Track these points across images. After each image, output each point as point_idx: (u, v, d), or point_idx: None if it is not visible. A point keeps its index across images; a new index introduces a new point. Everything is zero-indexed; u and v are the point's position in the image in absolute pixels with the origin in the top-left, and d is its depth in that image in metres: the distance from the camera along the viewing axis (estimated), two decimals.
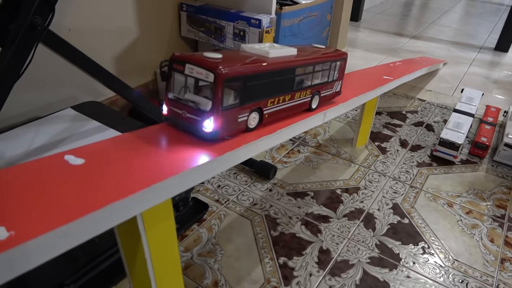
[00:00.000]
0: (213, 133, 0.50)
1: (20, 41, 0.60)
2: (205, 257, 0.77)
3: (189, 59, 0.50)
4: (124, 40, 1.15)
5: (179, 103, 0.52)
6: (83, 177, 0.39)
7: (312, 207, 0.92)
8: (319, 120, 0.71)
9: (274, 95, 0.59)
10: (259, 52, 0.59)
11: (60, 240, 0.33)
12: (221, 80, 0.47)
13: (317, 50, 0.72)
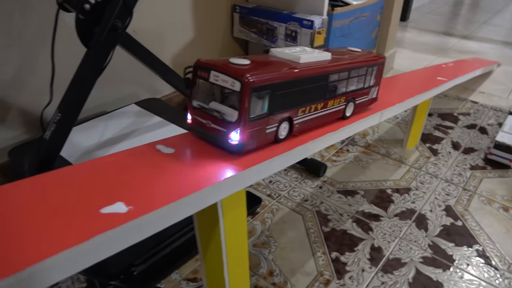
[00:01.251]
0: (239, 145, 0.47)
1: (102, 42, 0.67)
2: (260, 248, 0.81)
3: (214, 66, 0.47)
4: (181, 40, 1.21)
5: (204, 112, 0.49)
6: (178, 163, 0.44)
7: (363, 206, 0.93)
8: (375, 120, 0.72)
9: (306, 103, 0.54)
10: (290, 57, 0.55)
11: (171, 214, 0.37)
12: (248, 89, 0.44)
13: (353, 54, 0.67)
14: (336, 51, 0.65)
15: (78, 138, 0.85)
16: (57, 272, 0.30)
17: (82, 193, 0.37)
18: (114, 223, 0.33)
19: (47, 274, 0.30)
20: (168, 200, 0.37)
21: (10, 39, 0.83)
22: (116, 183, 0.39)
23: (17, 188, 0.37)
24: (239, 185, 0.45)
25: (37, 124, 0.93)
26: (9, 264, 0.28)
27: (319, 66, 0.54)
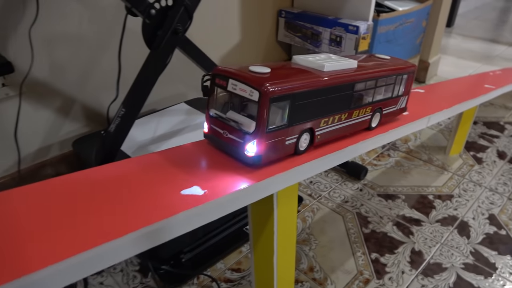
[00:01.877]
0: (255, 158, 0.44)
1: (165, 44, 0.72)
2: (301, 245, 0.84)
3: (232, 74, 0.45)
4: (228, 43, 1.26)
5: (221, 122, 0.47)
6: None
7: (404, 210, 0.94)
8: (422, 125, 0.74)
9: (329, 114, 0.51)
10: (313, 65, 0.52)
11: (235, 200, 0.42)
12: (267, 99, 0.42)
13: (381, 62, 0.63)
14: (364, 59, 0.63)
15: (134, 133, 0.91)
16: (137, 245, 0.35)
17: (165, 177, 0.42)
18: (194, 202, 0.38)
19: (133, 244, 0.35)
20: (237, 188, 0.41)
21: (80, 41, 0.91)
22: (189, 172, 0.44)
23: (121, 165, 0.44)
24: (294, 179, 0.48)
25: (97, 118, 1.00)
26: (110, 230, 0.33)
27: (345, 75, 0.51)
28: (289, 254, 0.58)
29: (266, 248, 0.55)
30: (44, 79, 0.88)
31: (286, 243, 0.55)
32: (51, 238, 0.32)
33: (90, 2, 0.89)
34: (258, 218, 0.52)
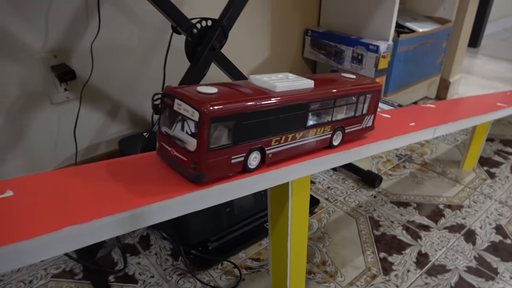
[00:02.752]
0: (198, 175, 0.45)
1: (203, 58, 0.84)
2: (315, 242, 0.92)
3: (178, 94, 0.46)
4: (258, 57, 1.38)
5: (169, 139, 0.48)
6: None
7: (414, 216, 1.01)
8: (428, 135, 0.81)
9: (281, 133, 0.52)
10: (266, 85, 0.53)
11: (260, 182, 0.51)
12: (206, 119, 0.42)
13: (344, 81, 0.63)
14: (325, 78, 0.63)
15: None
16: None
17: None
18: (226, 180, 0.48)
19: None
20: (259, 172, 0.51)
21: (130, 53, 1.05)
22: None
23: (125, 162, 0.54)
24: (306, 171, 0.58)
25: (141, 121, 1.14)
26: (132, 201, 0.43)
27: (297, 95, 0.52)
28: (302, 242, 0.67)
29: (281, 233, 0.64)
30: (98, 85, 1.02)
31: (299, 229, 0.65)
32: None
33: (140, 21, 1.03)
34: (276, 204, 0.62)
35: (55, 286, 0.81)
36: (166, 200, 0.42)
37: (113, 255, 0.89)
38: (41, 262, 0.87)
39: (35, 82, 0.92)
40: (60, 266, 0.86)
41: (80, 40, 0.95)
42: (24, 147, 0.96)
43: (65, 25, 0.92)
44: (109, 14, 0.97)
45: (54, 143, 1.01)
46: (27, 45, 0.88)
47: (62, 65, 0.94)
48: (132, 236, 0.95)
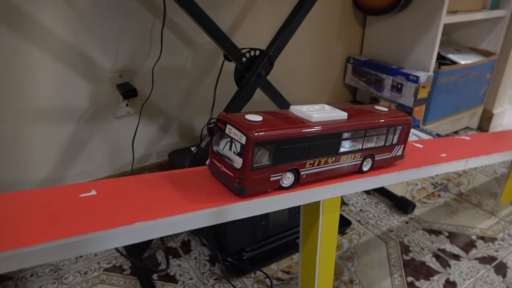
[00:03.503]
0: (241, 189, 0.53)
1: (250, 84, 0.93)
2: (345, 261, 0.97)
3: (230, 120, 0.54)
4: (301, 83, 1.46)
5: (219, 157, 0.56)
6: None
7: (445, 245, 1.02)
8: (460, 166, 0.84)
9: (314, 157, 0.59)
10: (303, 115, 0.60)
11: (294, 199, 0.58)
12: (251, 143, 0.50)
13: (376, 113, 0.69)
14: (358, 110, 0.69)
15: None
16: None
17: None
18: (265, 195, 0.55)
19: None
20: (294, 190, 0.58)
21: (184, 75, 1.17)
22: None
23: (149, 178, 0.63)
24: (336, 193, 0.64)
25: (190, 137, 1.25)
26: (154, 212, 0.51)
27: (330, 125, 0.58)
28: (330, 258, 0.73)
29: (311, 248, 0.70)
30: (155, 102, 1.14)
31: (328, 245, 0.70)
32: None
33: (195, 48, 1.15)
34: (307, 221, 0.69)
35: (106, 279, 0.91)
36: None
37: (157, 256, 0.98)
38: (95, 256, 0.99)
39: (102, 97, 1.06)
40: (111, 262, 0.97)
41: (143, 62, 1.08)
42: (87, 153, 1.09)
43: (131, 50, 1.05)
44: (170, 41, 1.09)
45: (113, 151, 1.14)
46: (100, 65, 1.02)
47: (126, 84, 1.07)
48: (174, 240, 1.04)
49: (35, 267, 0.95)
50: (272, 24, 1.28)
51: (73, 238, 0.38)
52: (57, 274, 0.92)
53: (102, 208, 0.45)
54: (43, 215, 0.41)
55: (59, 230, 0.39)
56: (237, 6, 1.19)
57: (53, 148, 1.03)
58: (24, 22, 0.88)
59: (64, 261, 0.97)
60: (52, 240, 0.38)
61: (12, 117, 0.94)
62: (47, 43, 0.93)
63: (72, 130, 1.04)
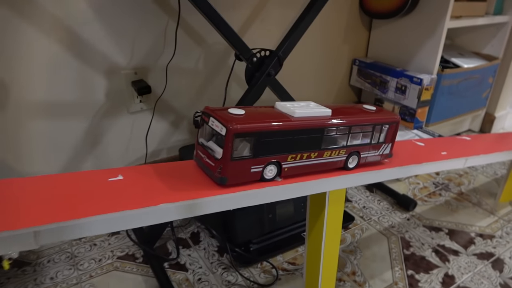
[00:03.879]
0: (222, 178, 0.55)
1: (260, 83, 0.98)
2: (348, 254, 1.01)
3: (213, 113, 0.56)
4: (308, 83, 1.50)
5: (203, 148, 0.59)
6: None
7: (445, 241, 1.06)
8: (459, 164, 0.88)
9: (296, 151, 0.60)
10: (286, 110, 0.61)
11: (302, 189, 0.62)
12: (230, 134, 0.52)
13: (361, 112, 0.70)
14: (345, 108, 0.71)
15: None
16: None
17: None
18: (273, 184, 0.59)
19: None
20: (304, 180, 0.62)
21: (196, 74, 1.21)
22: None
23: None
24: (342, 184, 0.68)
25: None
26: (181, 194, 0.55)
27: (312, 120, 0.60)
28: (334, 248, 0.77)
29: (316, 238, 0.74)
30: (167, 99, 1.19)
31: (333, 236, 0.74)
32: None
33: (207, 48, 1.20)
34: (314, 211, 0.73)
35: (120, 266, 0.96)
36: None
37: (168, 246, 1.03)
38: (109, 245, 1.03)
39: (117, 93, 1.10)
40: (124, 250, 1.01)
41: (157, 61, 1.13)
42: (102, 146, 1.14)
43: (146, 48, 1.10)
44: (183, 41, 1.14)
45: (126, 145, 1.18)
46: (116, 63, 1.07)
47: (140, 81, 1.12)
48: (184, 232, 1.08)
49: (51, 254, 0.99)
50: (280, 26, 1.32)
51: (111, 215, 0.43)
52: (73, 261, 0.97)
53: (129, 191, 0.49)
54: (80, 194, 0.46)
55: (98, 207, 0.44)
56: (248, 9, 1.23)
57: (69, 141, 1.08)
58: (47, 20, 0.93)
59: (79, 249, 1.02)
60: (94, 215, 0.42)
61: (32, 110, 0.99)
62: (67, 40, 0.98)
63: (88, 124, 1.09)
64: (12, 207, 0.43)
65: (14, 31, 0.90)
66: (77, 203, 0.44)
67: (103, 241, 1.04)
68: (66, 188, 0.48)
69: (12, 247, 0.39)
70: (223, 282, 0.91)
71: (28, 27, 0.92)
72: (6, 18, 0.89)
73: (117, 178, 0.52)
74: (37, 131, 1.02)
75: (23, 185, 0.47)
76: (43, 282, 0.91)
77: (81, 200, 0.45)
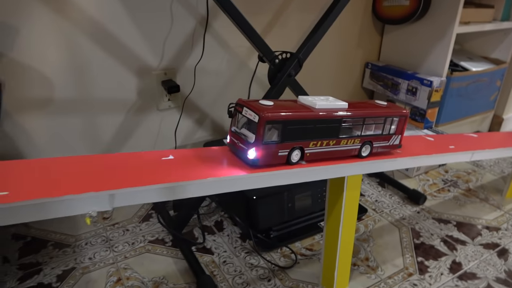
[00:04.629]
0: (254, 160, 0.62)
1: (281, 83, 1.06)
2: (361, 242, 1.08)
3: (246, 104, 0.63)
4: (324, 84, 1.59)
5: (236, 135, 0.65)
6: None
7: (453, 232, 1.13)
8: (466, 157, 0.95)
9: (317, 138, 0.67)
10: (308, 103, 0.69)
11: (323, 172, 0.71)
12: (262, 121, 0.59)
13: (374, 106, 0.78)
14: (360, 103, 0.78)
15: None
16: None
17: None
18: (297, 167, 0.68)
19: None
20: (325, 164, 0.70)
21: (219, 74, 1.30)
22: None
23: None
24: (359, 170, 0.76)
25: (221, 130, 1.38)
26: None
27: (330, 112, 0.68)
28: (350, 231, 0.85)
29: (335, 222, 0.82)
30: (193, 98, 1.28)
31: (349, 220, 0.82)
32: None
33: (231, 50, 1.29)
34: (333, 195, 0.81)
35: (151, 249, 1.05)
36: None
37: (194, 232, 1.11)
38: (140, 231, 1.12)
39: (148, 92, 1.20)
40: (154, 236, 1.10)
41: (184, 62, 1.22)
42: (133, 140, 1.23)
43: (175, 51, 1.19)
44: (209, 44, 1.24)
45: (154, 140, 1.28)
46: (148, 64, 1.16)
47: (170, 80, 1.21)
48: (209, 220, 1.17)
49: (88, 237, 1.09)
50: (298, 30, 1.41)
51: (171, 184, 0.52)
52: (108, 244, 1.06)
53: (180, 168, 0.58)
54: (144, 168, 0.55)
55: (159, 178, 0.52)
56: (269, 14, 1.32)
57: (106, 135, 1.18)
58: (89, 23, 1.04)
59: (113, 233, 1.11)
60: (158, 184, 0.51)
61: (76, 107, 1.09)
62: (107, 43, 1.08)
63: (122, 120, 1.19)
64: (91, 176, 0.52)
65: (60, 34, 1.01)
66: (142, 174, 0.53)
67: (135, 227, 1.13)
68: (131, 163, 0.56)
69: (92, 207, 0.48)
70: (246, 264, 1.00)
71: (75, 31, 1.02)
72: (51, 20, 0.99)
73: (169, 157, 0.61)
74: (79, 126, 1.12)
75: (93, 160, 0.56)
76: (82, 262, 1.00)
77: (145, 172, 0.54)
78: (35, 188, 0.46)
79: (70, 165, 0.54)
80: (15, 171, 0.50)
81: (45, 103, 1.06)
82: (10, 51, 0.97)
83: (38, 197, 0.44)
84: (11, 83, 1.00)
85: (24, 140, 1.07)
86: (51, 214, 0.46)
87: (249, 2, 1.25)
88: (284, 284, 0.94)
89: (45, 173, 0.51)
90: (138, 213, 1.20)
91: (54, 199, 0.45)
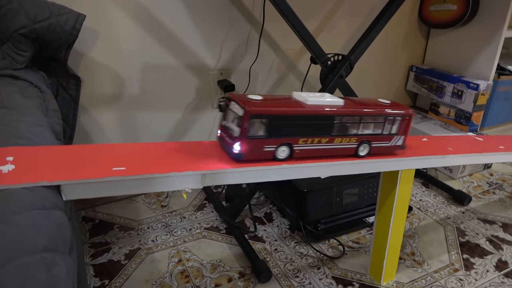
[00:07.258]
0: (238, 154, 0.61)
1: (332, 84, 1.12)
2: (407, 238, 1.12)
3: (234, 98, 0.62)
4: (370, 85, 1.63)
5: (225, 129, 0.65)
6: None
7: (498, 232, 1.15)
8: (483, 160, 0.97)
9: (307, 135, 0.64)
10: (300, 99, 0.66)
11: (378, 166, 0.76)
12: (247, 115, 0.58)
13: (374, 104, 0.73)
14: (360, 100, 0.74)
15: None
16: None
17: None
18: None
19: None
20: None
21: (270, 75, 1.38)
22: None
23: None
24: (412, 165, 0.81)
25: None
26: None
27: (322, 108, 0.64)
28: (401, 223, 0.89)
29: (386, 213, 0.87)
30: None
31: (401, 212, 0.87)
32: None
33: (281, 53, 1.36)
34: (385, 188, 0.86)
35: (207, 235, 1.13)
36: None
37: (246, 222, 1.19)
38: (196, 218, 1.21)
39: (205, 90, 1.29)
40: (209, 223, 1.19)
41: (239, 63, 1.31)
42: (189, 135, 1.33)
43: (231, 52, 1.28)
44: (262, 46, 1.31)
45: (208, 136, 1.37)
46: (206, 65, 1.26)
47: (225, 80, 1.30)
48: (258, 211, 1.24)
49: (149, 222, 1.19)
50: (345, 34, 1.46)
51: (220, 170, 0.59)
52: (168, 229, 1.16)
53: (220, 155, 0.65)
54: (190, 155, 0.63)
55: (204, 165, 0.60)
56: (318, 18, 1.39)
57: (166, 130, 1.28)
58: (155, 27, 1.14)
59: (171, 220, 1.20)
60: (203, 170, 0.58)
61: (143, 104, 1.20)
62: (173, 46, 1.18)
63: (180, 116, 1.28)
64: (182, 158, 0.60)
65: (135, 38, 1.11)
66: (189, 161, 0.60)
67: (191, 215, 1.22)
68: (179, 151, 0.63)
69: (187, 184, 0.56)
70: (296, 253, 1.06)
71: (149, 36, 1.12)
72: (127, 26, 1.10)
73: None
74: (142, 120, 1.23)
75: (171, 145, 0.65)
76: (146, 243, 1.10)
77: (193, 159, 0.62)
78: (143, 166, 0.55)
79: (158, 149, 0.63)
80: (119, 151, 0.59)
81: (115, 99, 1.17)
82: (89, 51, 1.09)
83: (150, 173, 0.53)
84: (87, 80, 1.12)
85: (97, 131, 1.19)
86: (157, 188, 0.54)
87: (302, 8, 1.32)
88: (333, 272, 1.00)
89: (142, 155, 0.59)
90: (193, 202, 1.29)
91: (162, 175, 0.53)
